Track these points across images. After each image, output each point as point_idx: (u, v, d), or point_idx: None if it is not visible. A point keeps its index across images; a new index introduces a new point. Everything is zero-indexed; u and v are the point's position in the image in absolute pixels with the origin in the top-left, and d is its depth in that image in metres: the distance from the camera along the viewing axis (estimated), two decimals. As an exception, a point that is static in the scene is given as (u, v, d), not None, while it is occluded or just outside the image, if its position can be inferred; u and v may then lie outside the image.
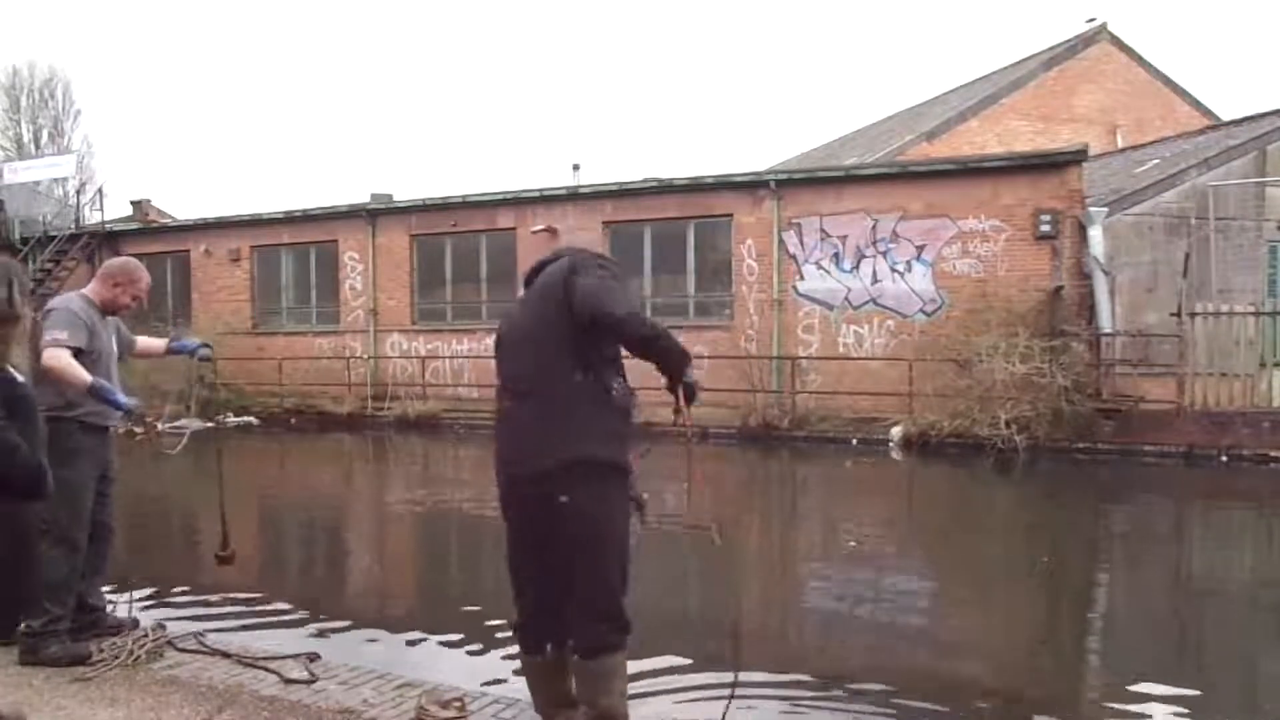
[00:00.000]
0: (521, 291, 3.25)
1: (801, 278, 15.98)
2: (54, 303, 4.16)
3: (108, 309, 4.25)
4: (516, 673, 4.20)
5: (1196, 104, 24.12)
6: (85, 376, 3.92)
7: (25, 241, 23.18)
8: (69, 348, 3.90)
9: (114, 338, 4.32)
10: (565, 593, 3.01)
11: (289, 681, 3.81)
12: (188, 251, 21.99)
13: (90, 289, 4.25)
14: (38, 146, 36.77)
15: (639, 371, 3.07)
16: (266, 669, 3.94)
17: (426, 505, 10.54)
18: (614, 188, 17.44)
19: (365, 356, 19.50)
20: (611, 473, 2.96)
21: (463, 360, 18.51)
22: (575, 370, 2.90)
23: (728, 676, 3.25)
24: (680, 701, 4.14)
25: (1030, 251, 14.46)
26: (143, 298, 4.32)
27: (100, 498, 4.19)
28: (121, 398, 3.98)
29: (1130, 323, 14.01)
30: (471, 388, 17.86)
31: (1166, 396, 12.77)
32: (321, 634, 5.19)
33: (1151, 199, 14.92)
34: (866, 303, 15.50)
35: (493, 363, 3.30)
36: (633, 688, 3.44)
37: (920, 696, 4.32)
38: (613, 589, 2.96)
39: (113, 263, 4.41)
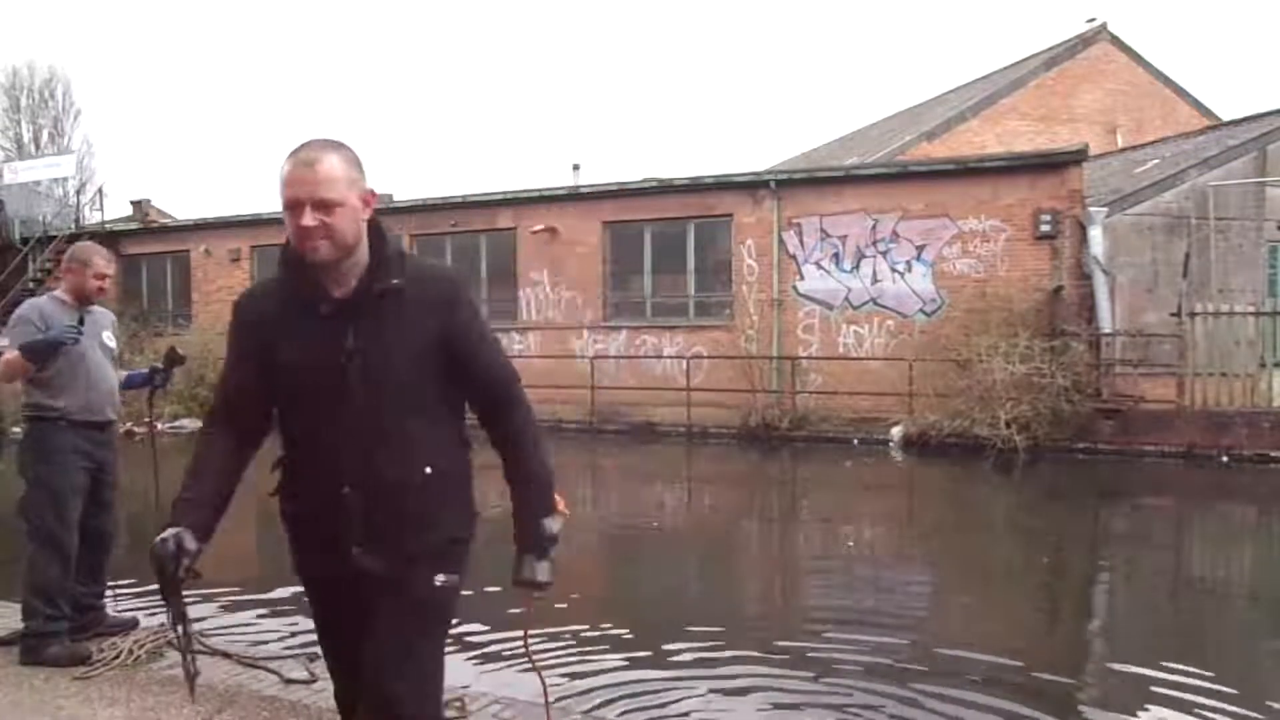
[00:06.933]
0: None
1: (801, 278, 15.97)
2: (20, 309, 4.16)
3: (81, 299, 4.18)
4: (517, 673, 4.23)
5: (1197, 104, 24.11)
6: (12, 352, 3.91)
7: (25, 241, 23.19)
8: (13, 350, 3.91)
9: (106, 331, 4.27)
10: None
11: (289, 681, 3.81)
12: (188, 251, 21.99)
13: (60, 287, 4.24)
14: (38, 146, 36.68)
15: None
16: (266, 669, 3.95)
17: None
18: (614, 188, 17.41)
19: (365, 356, 19.44)
20: None
21: (463, 360, 18.46)
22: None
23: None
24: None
25: (1030, 251, 14.44)
26: (107, 274, 4.22)
27: (99, 505, 4.15)
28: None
29: (1130, 323, 14.00)
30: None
31: (1166, 396, 12.77)
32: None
33: (1151, 199, 14.91)
34: (866, 303, 15.49)
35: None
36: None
37: (917, 694, 4.32)
38: None
39: (67, 252, 4.33)
